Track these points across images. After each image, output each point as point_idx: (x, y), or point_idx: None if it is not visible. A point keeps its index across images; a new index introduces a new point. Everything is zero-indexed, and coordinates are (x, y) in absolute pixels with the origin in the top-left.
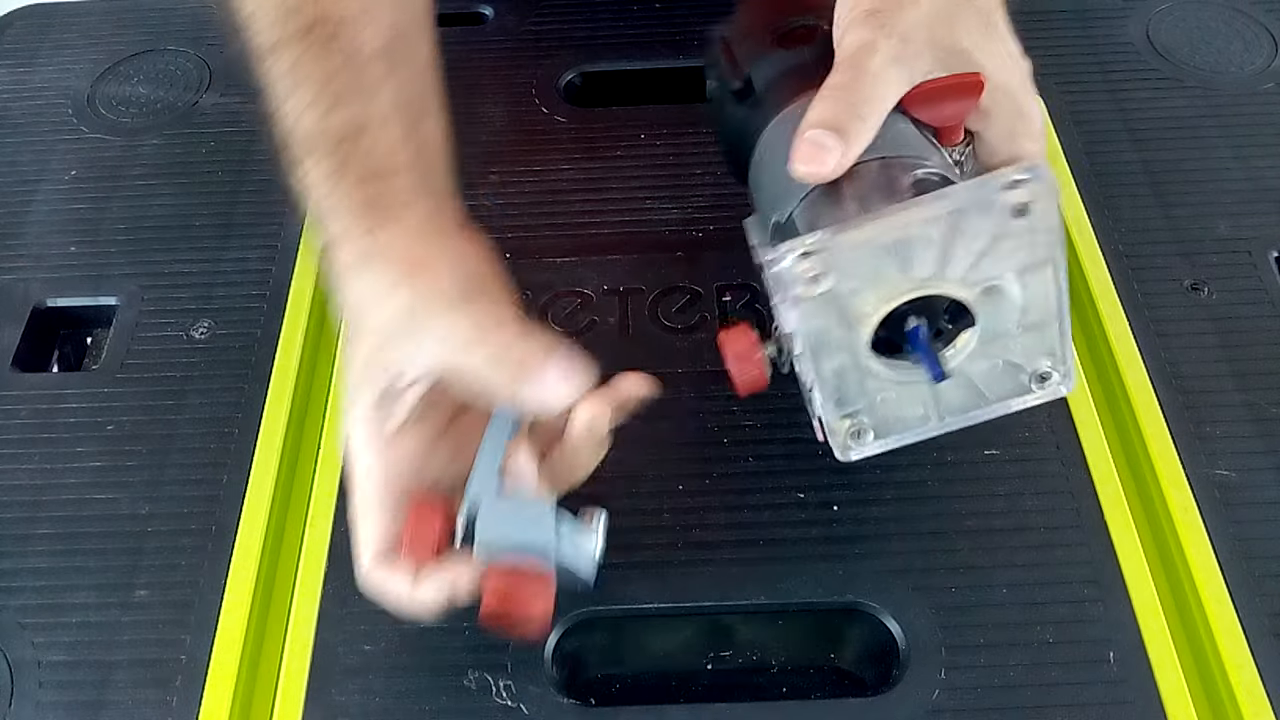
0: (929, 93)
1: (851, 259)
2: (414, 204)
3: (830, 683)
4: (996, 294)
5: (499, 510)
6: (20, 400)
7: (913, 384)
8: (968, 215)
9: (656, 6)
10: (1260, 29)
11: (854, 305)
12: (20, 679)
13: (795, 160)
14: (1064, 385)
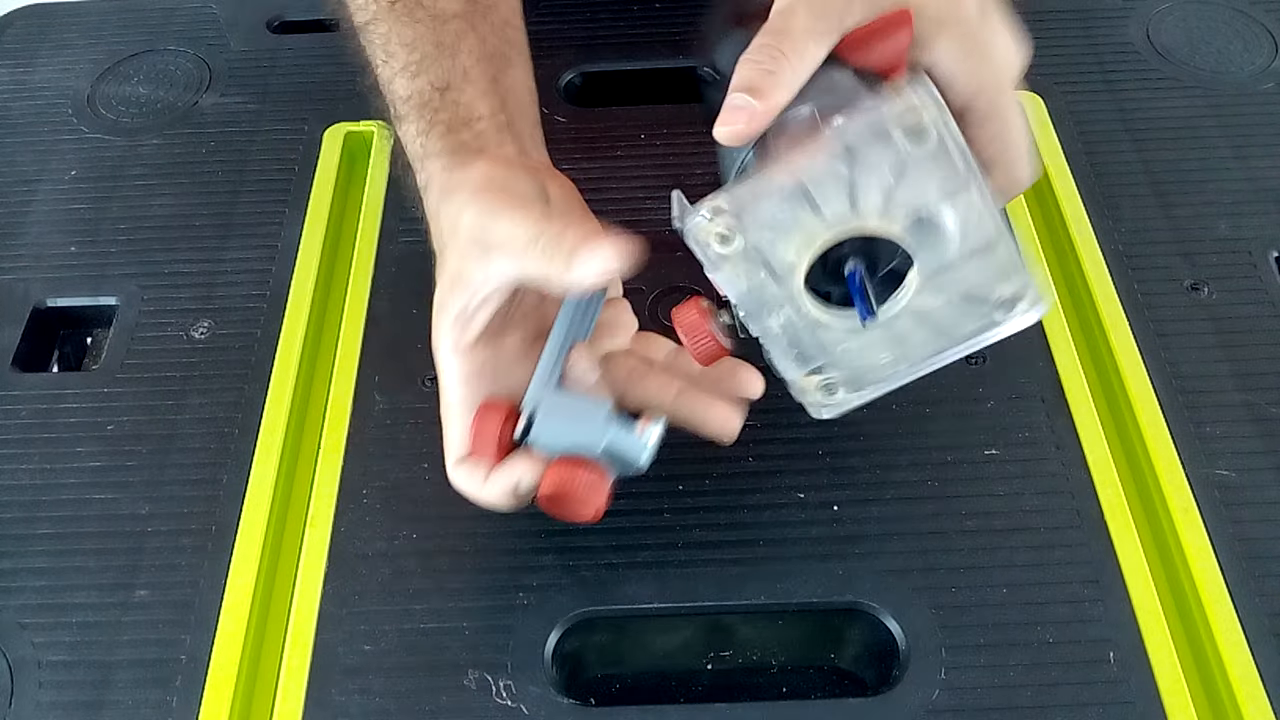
0: (857, 39)
1: (757, 211)
2: (497, 146)
3: (830, 683)
4: (928, 226)
5: (557, 408)
6: (20, 400)
7: (868, 329)
8: (861, 145)
9: (656, 6)
10: (1260, 29)
11: (777, 256)
12: (20, 679)
13: (717, 125)
14: (1035, 309)
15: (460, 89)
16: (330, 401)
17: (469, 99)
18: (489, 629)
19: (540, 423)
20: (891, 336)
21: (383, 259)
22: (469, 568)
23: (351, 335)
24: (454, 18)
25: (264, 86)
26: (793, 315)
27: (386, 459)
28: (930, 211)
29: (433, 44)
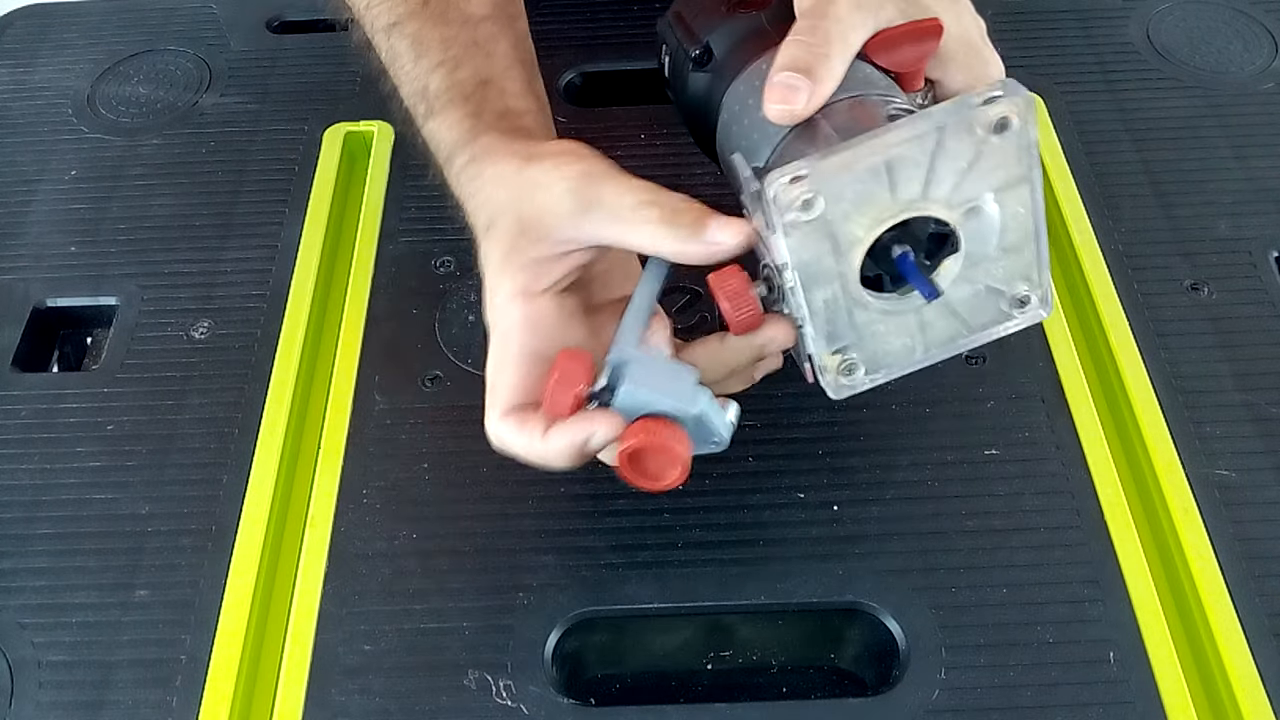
0: (891, 38)
1: (841, 182)
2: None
3: (830, 683)
4: (977, 215)
5: (647, 368)
6: (20, 400)
7: (899, 315)
8: (950, 133)
9: (656, 6)
10: (1260, 29)
11: (845, 230)
12: (20, 679)
13: (768, 103)
14: (1042, 309)
15: (503, 84)
16: (330, 401)
17: (513, 93)
18: (489, 629)
19: (629, 381)
20: (918, 323)
21: (383, 259)
22: (469, 568)
23: (351, 335)
24: (485, 20)
25: (264, 86)
26: (839, 292)
27: (386, 459)
28: (984, 201)
29: (469, 42)
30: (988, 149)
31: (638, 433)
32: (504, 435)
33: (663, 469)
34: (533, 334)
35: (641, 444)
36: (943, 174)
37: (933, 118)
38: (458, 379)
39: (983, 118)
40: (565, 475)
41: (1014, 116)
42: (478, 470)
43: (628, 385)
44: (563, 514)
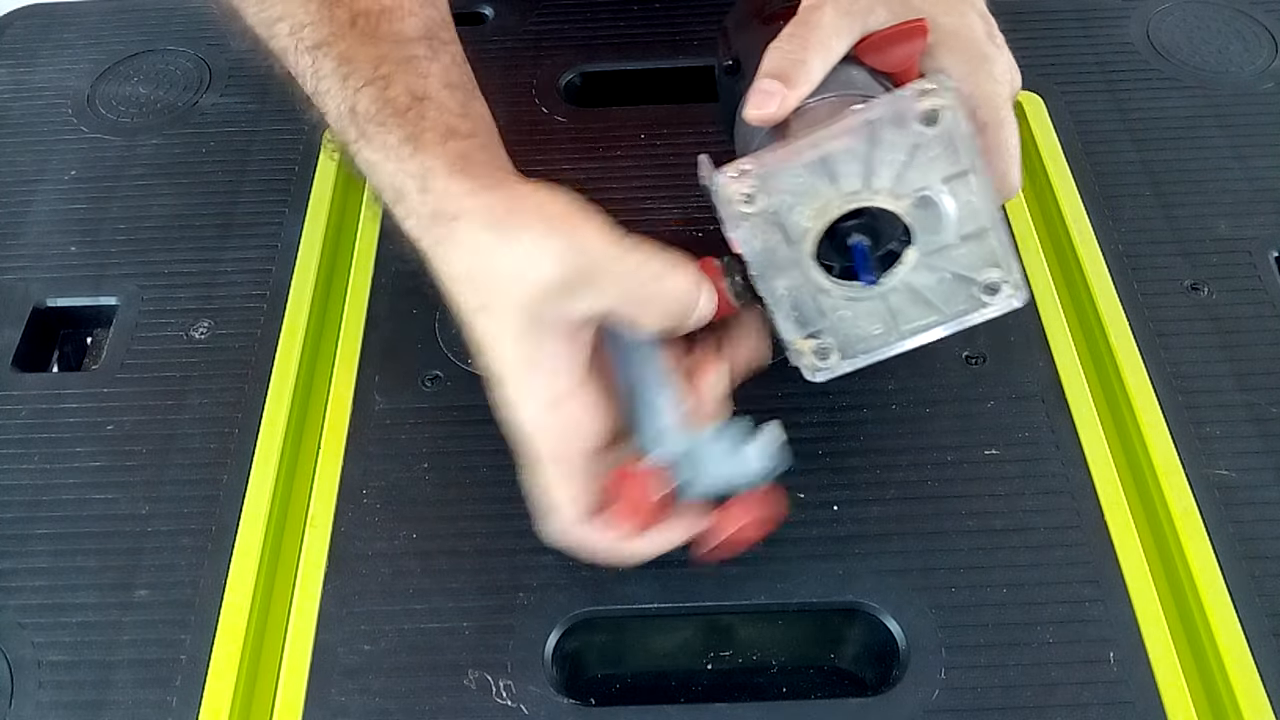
0: (877, 41)
1: (781, 176)
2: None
3: (830, 683)
4: (930, 206)
5: (699, 454)
6: (20, 400)
7: (864, 301)
8: (882, 127)
9: (656, 6)
10: (1260, 29)
11: (792, 220)
12: (20, 679)
13: (747, 107)
14: (1016, 297)
15: (441, 102)
16: (330, 401)
17: (452, 112)
18: (489, 629)
19: (689, 474)
20: (886, 309)
21: (383, 259)
22: (469, 568)
23: (351, 335)
24: (417, 42)
25: (264, 86)
26: (799, 279)
27: (386, 459)
28: (933, 193)
29: (402, 59)
30: (923, 142)
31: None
32: (585, 539)
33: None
34: (576, 437)
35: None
36: (881, 166)
37: (864, 113)
38: (458, 379)
39: (914, 111)
40: None
41: (945, 110)
42: (478, 470)
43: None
44: None
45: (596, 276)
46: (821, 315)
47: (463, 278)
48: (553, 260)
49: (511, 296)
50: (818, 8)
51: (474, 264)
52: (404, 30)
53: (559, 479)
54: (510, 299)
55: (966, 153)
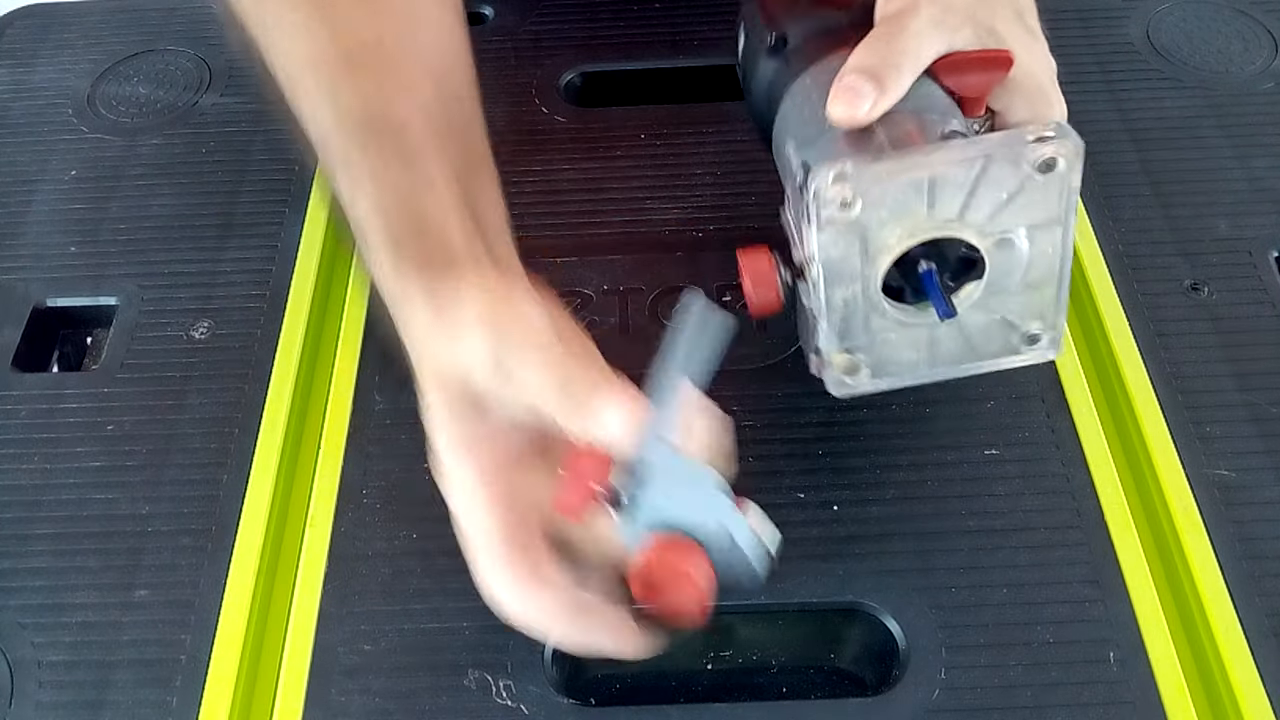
0: (960, 61)
1: (883, 189)
2: (475, 267)
3: (830, 683)
4: (1007, 247)
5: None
6: (20, 400)
7: (913, 327)
8: (997, 163)
9: (656, 6)
10: (1260, 29)
11: (878, 236)
12: (20, 679)
13: (832, 102)
14: (1051, 350)
15: (432, 208)
16: (330, 401)
17: (441, 218)
18: (489, 629)
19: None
20: (929, 338)
21: None
22: (469, 568)
23: (351, 335)
24: (422, 139)
25: (264, 86)
26: (859, 293)
27: (386, 459)
28: (1015, 236)
29: (400, 165)
30: (1030, 185)
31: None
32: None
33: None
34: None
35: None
36: (982, 201)
37: (982, 145)
38: None
39: (1031, 154)
40: None
41: (1062, 159)
42: None
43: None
44: None
45: (517, 374)
46: (867, 332)
47: (416, 366)
48: (481, 353)
49: (444, 381)
50: (910, 13)
51: (423, 353)
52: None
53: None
54: (442, 385)
55: (1067, 205)
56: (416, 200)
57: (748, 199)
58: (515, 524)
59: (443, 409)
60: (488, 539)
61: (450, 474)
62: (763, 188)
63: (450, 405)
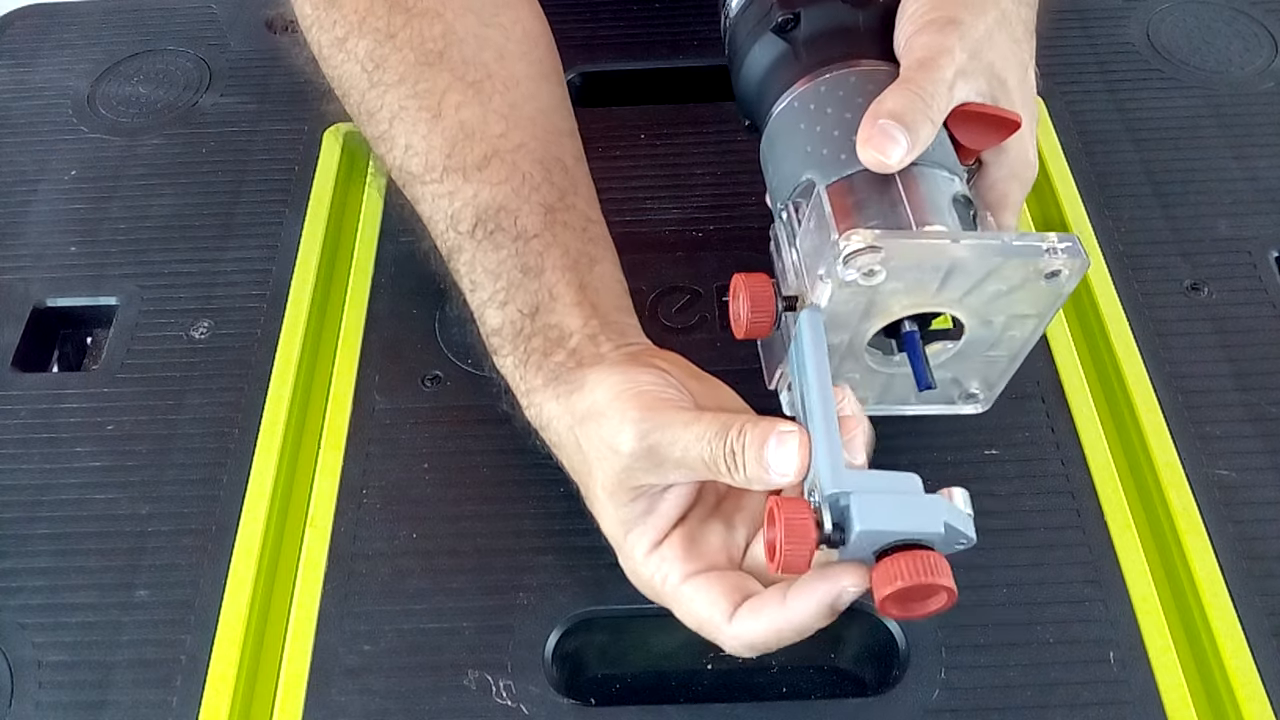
0: (973, 115)
1: (907, 265)
2: (595, 355)
3: (830, 683)
4: (986, 325)
5: (874, 498)
6: (20, 400)
7: (878, 373)
8: (1011, 263)
9: (656, 6)
10: (1260, 29)
11: (885, 302)
12: (20, 679)
13: (863, 145)
14: (981, 407)
15: (550, 309)
16: (330, 401)
17: (559, 318)
18: (489, 629)
19: (860, 518)
20: (886, 382)
21: (383, 259)
22: (469, 568)
23: (351, 335)
24: (535, 236)
25: (264, 86)
26: (845, 342)
27: (386, 459)
28: (1001, 321)
29: (518, 268)
30: (1030, 285)
31: (896, 577)
32: (744, 633)
33: (926, 601)
34: (684, 562)
35: (904, 588)
36: (986, 291)
37: (1004, 246)
38: (458, 379)
39: (1044, 263)
40: (566, 475)
41: (1067, 271)
42: (478, 470)
43: (861, 525)
44: (563, 514)
45: (680, 462)
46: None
47: (568, 468)
48: (622, 450)
49: (600, 475)
50: (942, 58)
51: (572, 459)
52: (523, 228)
53: (689, 604)
54: (600, 477)
55: (1054, 306)
56: (536, 303)
57: (748, 199)
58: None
59: (608, 504)
60: (710, 608)
61: (641, 567)
62: (762, 188)
63: (614, 498)
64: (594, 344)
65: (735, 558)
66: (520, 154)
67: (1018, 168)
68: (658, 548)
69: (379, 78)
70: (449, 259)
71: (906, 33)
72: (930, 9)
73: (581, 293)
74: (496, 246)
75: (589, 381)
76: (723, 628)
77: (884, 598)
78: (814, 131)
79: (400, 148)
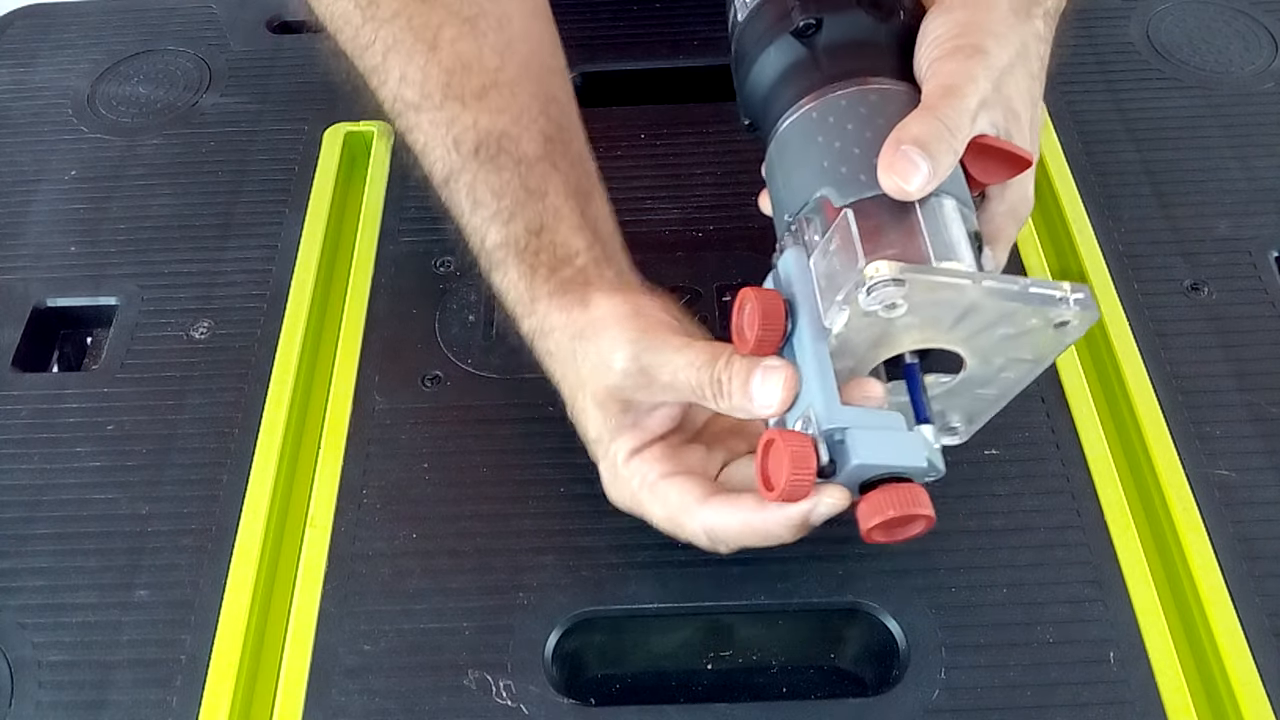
0: (988, 150)
1: (926, 303)
2: (599, 277)
3: (830, 683)
4: (986, 364)
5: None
6: (20, 400)
7: None
8: (1019, 311)
9: (656, 6)
10: (1260, 29)
11: (897, 334)
12: (20, 679)
13: (885, 167)
14: (958, 439)
15: (554, 229)
16: (330, 401)
17: (564, 237)
18: (489, 629)
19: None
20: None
21: (383, 259)
22: (469, 568)
23: (351, 335)
24: (538, 160)
25: (264, 86)
26: (849, 367)
27: (386, 459)
28: (1000, 362)
29: (521, 188)
30: (1037, 332)
31: (887, 507)
32: (713, 520)
33: (908, 527)
34: (664, 463)
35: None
36: (996, 332)
37: (1023, 293)
38: (458, 379)
39: (1055, 312)
40: (566, 475)
41: (1075, 322)
42: (478, 470)
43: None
44: (563, 514)
45: (669, 384)
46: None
47: (559, 377)
48: (616, 365)
49: (588, 391)
50: (967, 87)
51: (560, 369)
52: (524, 153)
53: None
54: (587, 393)
55: (1052, 354)
56: (541, 222)
57: (748, 199)
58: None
59: (596, 413)
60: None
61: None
62: (763, 188)
63: (603, 408)
64: (599, 267)
65: (711, 475)
66: (517, 86)
67: (1017, 204)
68: (639, 453)
69: (372, 13)
70: (447, 183)
71: (930, 56)
72: (955, 35)
73: (584, 218)
74: (499, 169)
75: (594, 299)
76: (692, 509)
77: (872, 526)
78: (833, 147)
79: (395, 78)
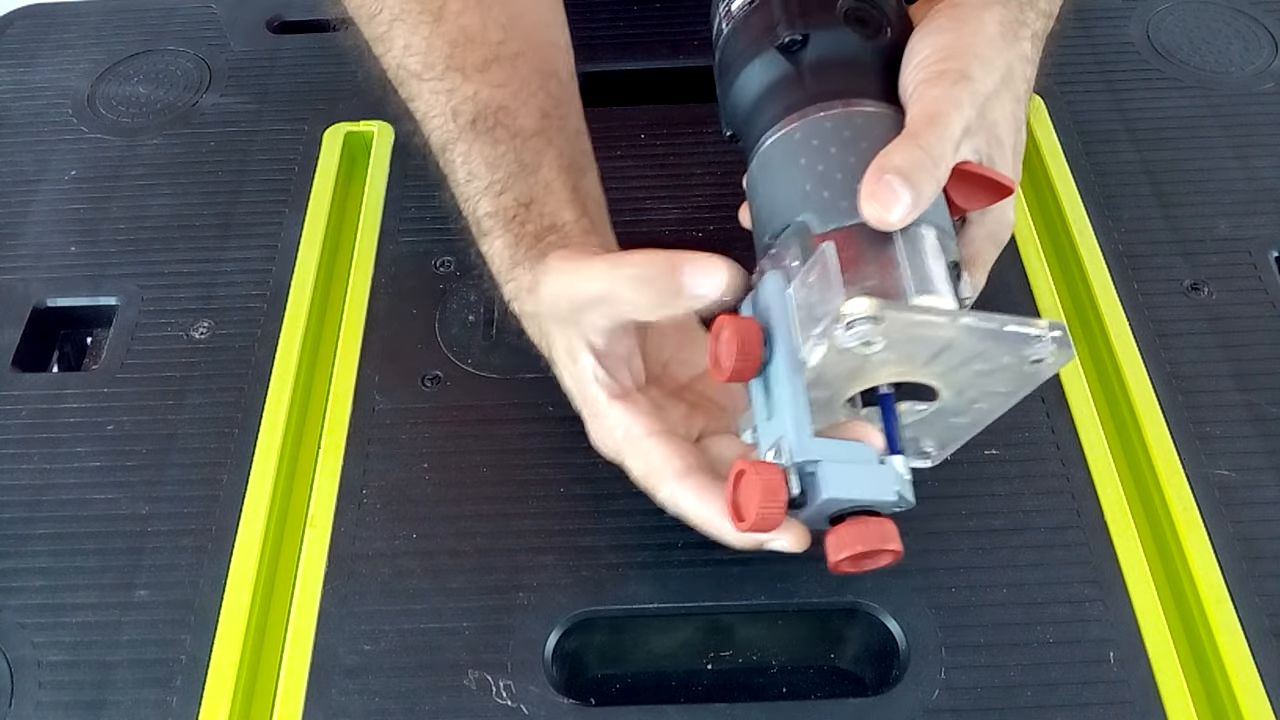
0: (971, 177)
1: (903, 338)
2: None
3: (830, 683)
4: (959, 396)
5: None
6: (20, 400)
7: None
8: (994, 349)
9: (656, 6)
10: (1260, 29)
11: (872, 369)
12: (20, 679)
13: (867, 196)
14: (930, 463)
15: (544, 201)
16: (330, 401)
17: (553, 209)
18: (489, 629)
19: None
20: None
21: (383, 259)
22: (469, 568)
23: (351, 335)
24: (534, 135)
25: (264, 86)
26: (823, 398)
27: (386, 459)
28: (974, 394)
29: (515, 162)
30: (1011, 368)
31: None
32: (682, 499)
33: (874, 560)
34: (648, 418)
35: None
36: (971, 368)
37: (998, 332)
38: (458, 379)
39: (1030, 351)
40: (566, 475)
41: (1051, 360)
42: (478, 470)
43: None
44: (563, 514)
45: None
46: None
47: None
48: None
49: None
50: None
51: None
52: (521, 127)
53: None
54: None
55: (1024, 389)
56: (532, 195)
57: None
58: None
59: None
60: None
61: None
62: None
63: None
64: (584, 235)
65: (691, 438)
66: (519, 61)
67: (997, 229)
68: (622, 399)
69: None
70: (444, 150)
71: (915, 79)
72: (941, 58)
73: (574, 193)
74: (495, 141)
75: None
76: (668, 479)
77: (839, 560)
78: (815, 171)
79: (399, 47)
